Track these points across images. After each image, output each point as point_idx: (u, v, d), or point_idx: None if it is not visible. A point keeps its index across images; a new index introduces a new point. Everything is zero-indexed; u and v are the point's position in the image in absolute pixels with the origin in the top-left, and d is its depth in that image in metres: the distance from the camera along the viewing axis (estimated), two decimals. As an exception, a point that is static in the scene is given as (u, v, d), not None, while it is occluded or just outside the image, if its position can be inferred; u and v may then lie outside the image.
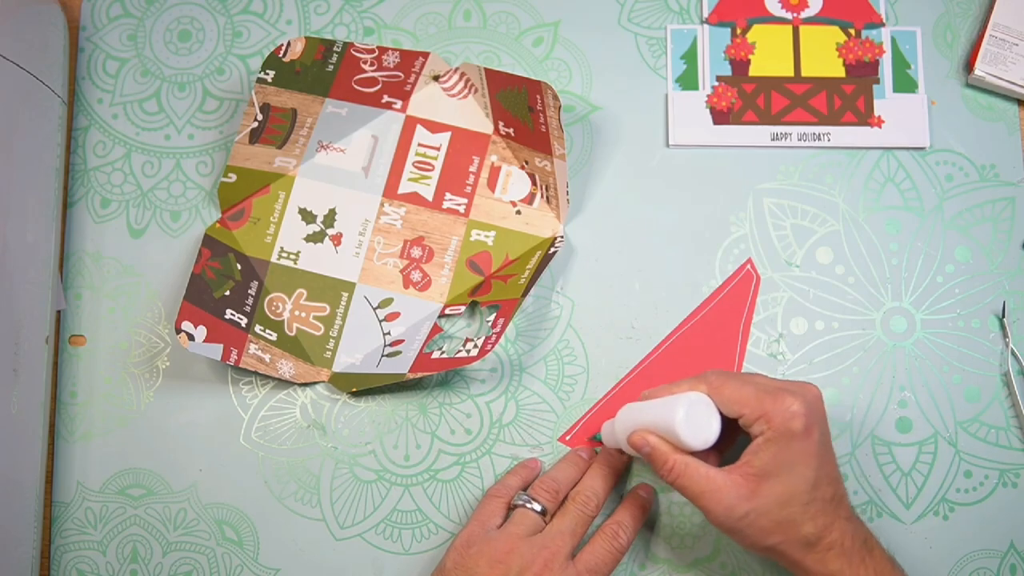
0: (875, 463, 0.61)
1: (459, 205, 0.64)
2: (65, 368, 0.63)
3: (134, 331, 0.63)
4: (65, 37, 0.64)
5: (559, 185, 0.62)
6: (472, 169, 0.64)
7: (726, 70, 0.65)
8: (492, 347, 0.59)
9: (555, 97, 0.58)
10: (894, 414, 0.61)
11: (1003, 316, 0.62)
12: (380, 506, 0.61)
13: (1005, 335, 0.62)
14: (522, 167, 0.64)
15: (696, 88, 0.65)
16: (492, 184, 0.64)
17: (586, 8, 0.66)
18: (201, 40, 0.67)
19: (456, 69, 0.64)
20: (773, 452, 0.51)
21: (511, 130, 0.63)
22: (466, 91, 0.64)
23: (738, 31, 0.66)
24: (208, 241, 0.62)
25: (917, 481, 0.60)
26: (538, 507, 0.56)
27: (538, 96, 0.59)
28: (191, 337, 0.58)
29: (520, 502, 0.57)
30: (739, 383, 0.52)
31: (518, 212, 0.64)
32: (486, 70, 0.61)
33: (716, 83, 0.65)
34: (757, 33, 0.66)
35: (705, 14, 0.66)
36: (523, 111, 0.61)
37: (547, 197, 0.63)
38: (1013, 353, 0.61)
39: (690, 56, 0.66)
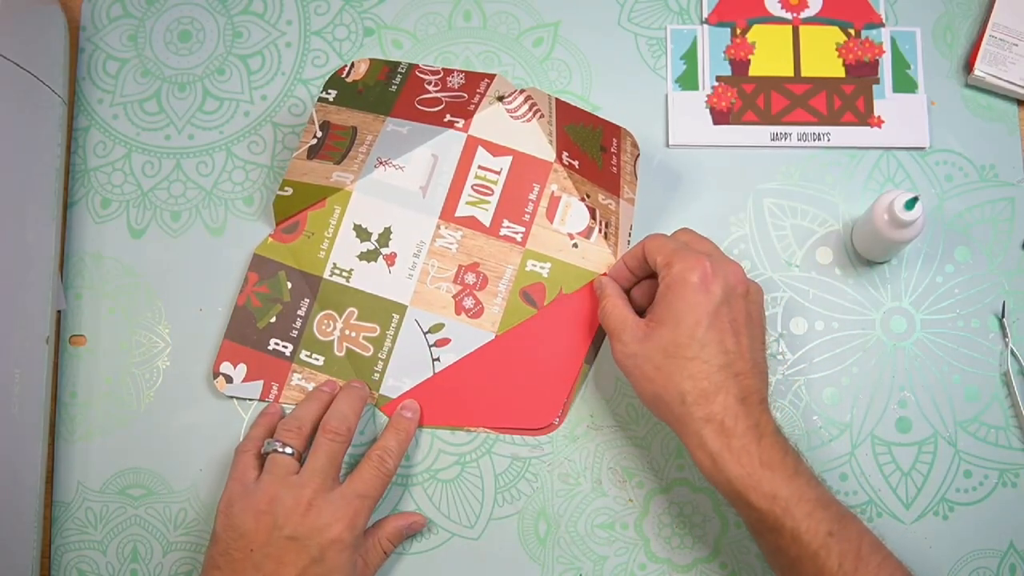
0: (875, 463, 0.61)
1: (516, 233, 0.63)
2: (65, 368, 0.63)
3: (134, 331, 0.63)
4: (65, 37, 0.64)
5: (622, 225, 0.61)
6: (532, 197, 0.63)
7: (726, 70, 0.65)
8: (561, 421, 0.60)
9: (634, 145, 0.58)
10: (894, 414, 0.61)
11: (1003, 316, 0.62)
12: (380, 506, 0.61)
13: (1005, 335, 0.62)
14: (582, 199, 0.63)
15: (696, 88, 0.65)
16: (551, 214, 0.63)
17: (586, 8, 0.66)
18: (201, 40, 0.67)
19: (522, 91, 0.63)
20: (668, 299, 0.53)
21: (576, 162, 0.62)
22: (530, 114, 0.63)
23: (738, 31, 0.66)
24: (256, 263, 0.62)
25: (917, 481, 0.60)
26: (288, 449, 0.56)
27: (615, 139, 0.58)
28: (229, 379, 0.59)
29: (270, 449, 0.56)
30: (668, 239, 0.56)
31: (575, 245, 0.63)
32: (557, 101, 0.60)
33: (716, 83, 0.65)
34: (757, 33, 0.66)
35: (705, 14, 0.66)
36: (594, 149, 0.60)
37: (605, 233, 0.62)
38: (1013, 353, 0.61)
39: (690, 56, 0.66)
